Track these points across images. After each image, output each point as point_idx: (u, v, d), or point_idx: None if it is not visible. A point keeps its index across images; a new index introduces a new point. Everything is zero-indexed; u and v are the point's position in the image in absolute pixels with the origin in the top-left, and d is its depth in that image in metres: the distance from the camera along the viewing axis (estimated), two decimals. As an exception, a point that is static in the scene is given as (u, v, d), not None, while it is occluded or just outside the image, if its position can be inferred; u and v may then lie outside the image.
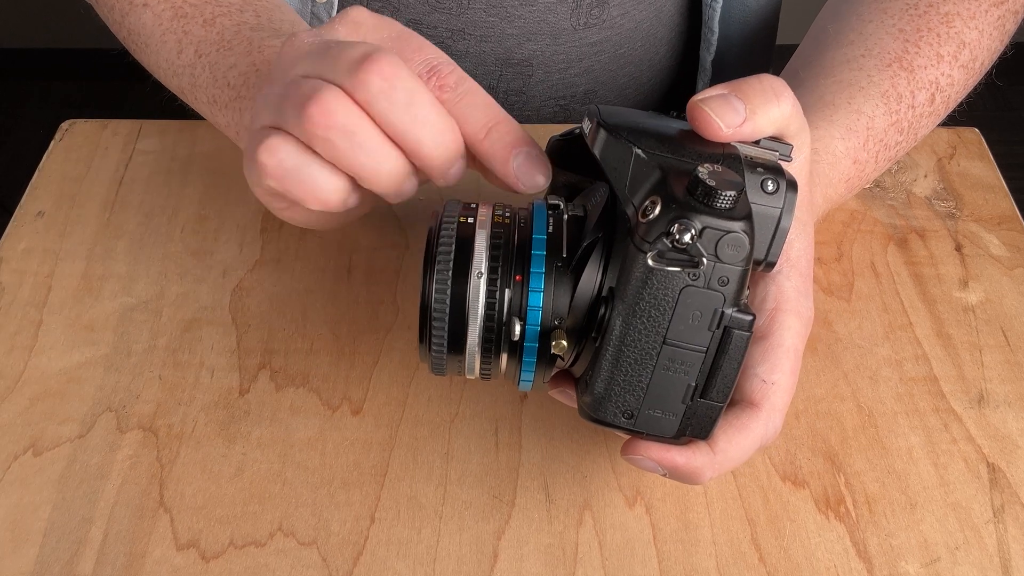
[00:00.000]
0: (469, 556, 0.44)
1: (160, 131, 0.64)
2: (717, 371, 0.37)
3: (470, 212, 0.40)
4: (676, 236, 0.34)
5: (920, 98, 0.51)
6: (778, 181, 0.37)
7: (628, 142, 0.37)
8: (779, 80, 0.39)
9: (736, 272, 0.35)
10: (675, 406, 0.38)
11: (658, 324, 0.36)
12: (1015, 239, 0.58)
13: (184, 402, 0.50)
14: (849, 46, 0.52)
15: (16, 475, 0.47)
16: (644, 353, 0.36)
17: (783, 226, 0.37)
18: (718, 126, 0.37)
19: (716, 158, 0.36)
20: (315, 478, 0.47)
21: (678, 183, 0.35)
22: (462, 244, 0.38)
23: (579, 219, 0.39)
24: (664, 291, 0.35)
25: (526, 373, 0.40)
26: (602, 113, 0.39)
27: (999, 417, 0.50)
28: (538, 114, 0.73)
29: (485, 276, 0.38)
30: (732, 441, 0.39)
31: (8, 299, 0.55)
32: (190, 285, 0.55)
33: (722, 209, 0.34)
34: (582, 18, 0.68)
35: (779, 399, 0.40)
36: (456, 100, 0.40)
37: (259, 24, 0.53)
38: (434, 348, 0.39)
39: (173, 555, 0.44)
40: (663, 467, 0.39)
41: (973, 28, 0.53)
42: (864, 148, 0.49)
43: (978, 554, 0.45)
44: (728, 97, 0.38)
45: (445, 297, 0.38)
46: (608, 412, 0.38)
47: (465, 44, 0.68)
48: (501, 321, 0.38)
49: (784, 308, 0.41)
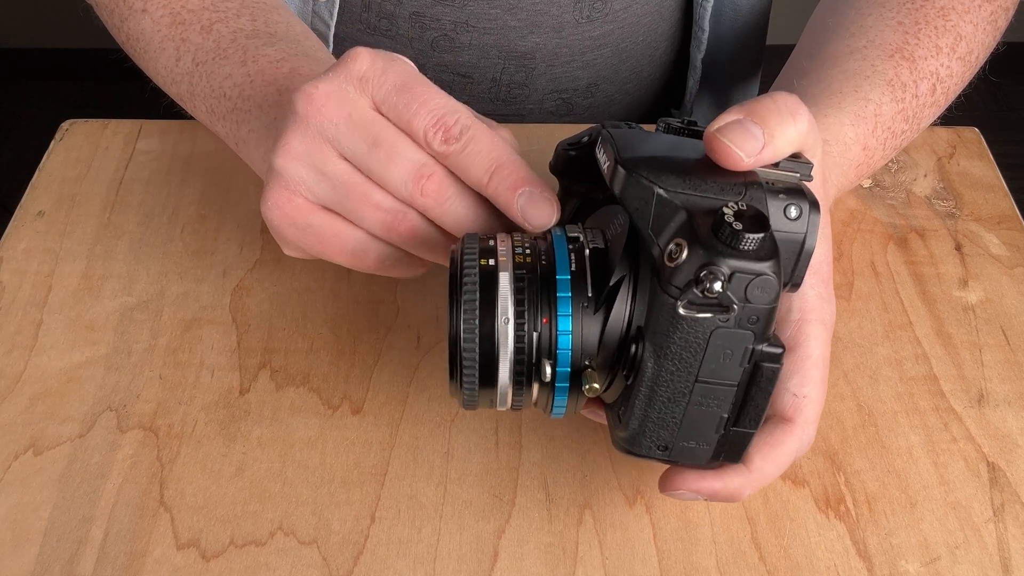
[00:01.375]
0: (469, 555, 0.44)
1: (160, 131, 0.64)
2: (749, 401, 0.37)
3: (489, 251, 0.39)
4: (706, 285, 0.33)
5: (923, 88, 0.52)
6: (801, 206, 0.36)
7: (649, 182, 0.36)
8: (792, 97, 0.38)
9: (765, 311, 0.35)
10: (708, 436, 0.38)
11: (689, 364, 0.36)
12: (1015, 239, 0.58)
13: (184, 402, 0.50)
14: (851, 38, 0.53)
15: (16, 475, 0.47)
16: (677, 392, 0.37)
17: (807, 249, 0.37)
18: (739, 156, 0.36)
19: (738, 189, 0.36)
20: (315, 477, 0.47)
21: (703, 223, 0.35)
22: (486, 287, 0.38)
23: (600, 252, 0.39)
24: (695, 334, 0.35)
25: (558, 409, 0.40)
26: (618, 145, 0.38)
27: (999, 416, 0.50)
28: (540, 107, 0.73)
29: (512, 322, 0.38)
30: (768, 458, 0.39)
31: (8, 299, 0.55)
32: (190, 285, 0.55)
33: (749, 251, 0.34)
34: (585, 11, 0.68)
35: (811, 411, 0.40)
36: (461, 151, 0.41)
37: (255, 30, 0.53)
38: (466, 387, 0.39)
39: (173, 554, 0.44)
40: (702, 495, 0.40)
41: (968, 22, 0.54)
42: (873, 135, 0.50)
43: (978, 553, 0.45)
44: (744, 123, 0.37)
45: (474, 340, 0.38)
46: (643, 446, 0.38)
47: (468, 36, 0.68)
48: (531, 363, 0.38)
49: (808, 318, 0.41)
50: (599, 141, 0.40)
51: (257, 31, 0.53)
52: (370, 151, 0.42)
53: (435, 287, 0.55)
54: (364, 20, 0.69)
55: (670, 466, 0.40)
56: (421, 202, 0.42)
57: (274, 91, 0.49)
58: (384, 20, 0.68)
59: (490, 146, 0.41)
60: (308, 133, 0.42)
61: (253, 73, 0.50)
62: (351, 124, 0.42)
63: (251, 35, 0.52)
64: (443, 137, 0.41)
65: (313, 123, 0.42)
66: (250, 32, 0.53)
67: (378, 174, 0.42)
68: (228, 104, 0.50)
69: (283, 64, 0.50)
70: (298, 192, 0.43)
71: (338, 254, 0.45)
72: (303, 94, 0.42)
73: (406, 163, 0.42)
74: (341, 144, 0.42)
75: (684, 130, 0.40)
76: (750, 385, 0.36)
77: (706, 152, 0.37)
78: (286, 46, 0.52)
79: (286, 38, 0.53)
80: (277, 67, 0.50)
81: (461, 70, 0.70)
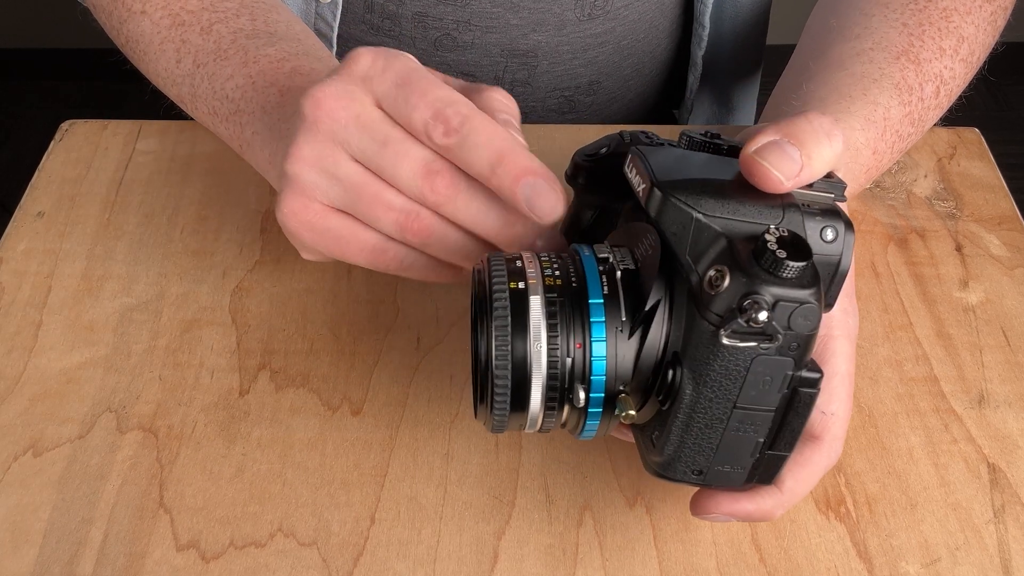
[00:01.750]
0: (469, 557, 0.44)
1: (160, 131, 0.64)
2: (785, 426, 0.37)
3: (518, 272, 0.38)
4: (751, 314, 0.33)
5: (927, 90, 0.52)
6: (837, 228, 0.36)
7: (687, 206, 0.36)
8: (827, 118, 0.38)
9: (806, 338, 0.34)
10: (744, 460, 0.38)
11: (729, 391, 0.36)
12: (1015, 239, 0.58)
13: (184, 403, 0.50)
14: (856, 39, 0.53)
15: (16, 475, 0.47)
16: (714, 418, 0.36)
17: (842, 270, 0.36)
18: (778, 179, 0.36)
19: (776, 213, 0.36)
20: (315, 478, 0.47)
21: (744, 249, 0.34)
22: (517, 311, 0.37)
23: (632, 273, 0.38)
24: (736, 362, 0.35)
25: (588, 432, 0.39)
26: (653, 166, 0.37)
27: (999, 417, 0.50)
28: (543, 105, 0.73)
29: (545, 347, 0.37)
30: (798, 478, 0.39)
31: (8, 299, 0.55)
32: (190, 285, 0.55)
33: (792, 279, 0.33)
34: (586, 9, 0.68)
35: (839, 428, 0.40)
36: (461, 143, 0.41)
37: (255, 30, 0.53)
38: (496, 412, 0.38)
39: (173, 556, 0.44)
40: (736, 518, 0.40)
41: (970, 23, 0.54)
42: (882, 138, 0.50)
43: (978, 554, 0.44)
44: (782, 144, 0.36)
45: (507, 365, 0.37)
46: (678, 471, 0.38)
47: (471, 35, 0.68)
48: (564, 388, 0.38)
49: (834, 334, 0.41)
50: (630, 159, 0.39)
51: (257, 31, 0.53)
52: (380, 151, 0.41)
53: (435, 288, 0.55)
54: (367, 21, 0.69)
55: (701, 489, 0.40)
56: (432, 199, 0.42)
57: (276, 92, 0.49)
58: (387, 21, 0.68)
59: (491, 136, 0.41)
60: (318, 138, 0.42)
61: (255, 74, 0.50)
62: (359, 125, 0.41)
63: (251, 35, 0.52)
64: (443, 130, 0.41)
65: (323, 127, 0.42)
66: (250, 32, 0.53)
67: (389, 173, 0.42)
68: (231, 106, 0.50)
69: (284, 64, 0.50)
70: (313, 197, 0.43)
71: (357, 255, 0.44)
72: (310, 99, 0.42)
73: (414, 161, 0.41)
74: (351, 146, 0.42)
75: (707, 144, 0.40)
76: (787, 410, 0.36)
77: (743, 174, 0.37)
78: (287, 45, 0.52)
79: (286, 37, 0.53)
80: (278, 67, 0.50)
81: (464, 69, 0.70)
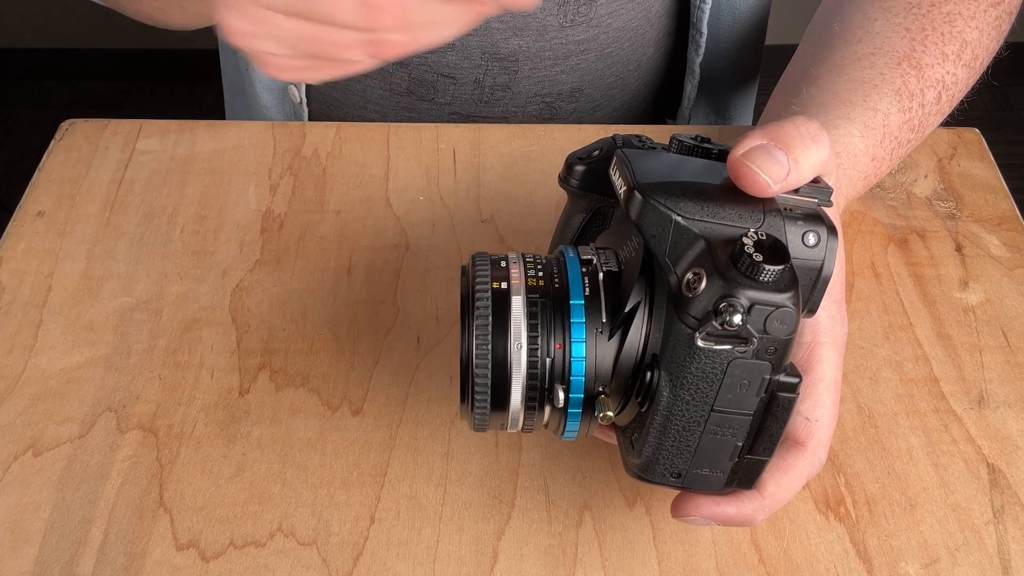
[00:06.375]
0: (469, 557, 0.44)
1: (160, 131, 0.64)
2: (764, 430, 0.37)
3: (501, 273, 0.39)
4: (725, 317, 0.33)
5: (929, 96, 0.52)
6: (819, 232, 0.36)
7: (667, 209, 0.36)
8: (814, 123, 0.38)
9: (783, 342, 0.34)
10: (723, 464, 0.38)
11: (706, 394, 0.36)
12: (1015, 239, 0.58)
13: (184, 402, 0.50)
14: (858, 44, 0.53)
15: (16, 475, 0.47)
16: (692, 421, 0.36)
17: (824, 276, 0.36)
18: (765, 182, 0.36)
19: (757, 216, 0.36)
20: (315, 478, 0.47)
21: (722, 253, 0.34)
22: (499, 311, 0.38)
23: (614, 275, 0.39)
24: (712, 365, 0.35)
25: (569, 433, 0.40)
26: (634, 168, 0.38)
27: (999, 418, 0.50)
28: (523, 111, 0.73)
29: (525, 347, 0.37)
30: (780, 483, 0.39)
31: (8, 299, 0.55)
32: (190, 285, 0.55)
33: (768, 283, 0.33)
34: (569, 15, 0.68)
35: (823, 435, 0.40)
36: None
37: None
38: (477, 411, 0.39)
39: (173, 555, 0.44)
40: (715, 521, 0.39)
41: (974, 28, 0.53)
42: (881, 145, 0.50)
43: (978, 555, 0.44)
44: (769, 148, 0.36)
45: (487, 364, 0.37)
46: (657, 474, 0.38)
47: None
48: (544, 388, 0.38)
49: (821, 340, 0.40)
50: (613, 162, 0.39)
51: None
52: None
53: (435, 288, 0.55)
54: None
55: (682, 491, 0.40)
56: None
57: None
58: None
59: None
60: None
61: None
62: None
63: None
64: None
65: None
66: None
67: None
68: None
69: None
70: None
71: None
72: None
73: None
74: None
75: (696, 148, 0.40)
76: (766, 414, 0.36)
77: (730, 177, 0.37)
78: None
79: None
80: None
81: (444, 71, 0.70)
